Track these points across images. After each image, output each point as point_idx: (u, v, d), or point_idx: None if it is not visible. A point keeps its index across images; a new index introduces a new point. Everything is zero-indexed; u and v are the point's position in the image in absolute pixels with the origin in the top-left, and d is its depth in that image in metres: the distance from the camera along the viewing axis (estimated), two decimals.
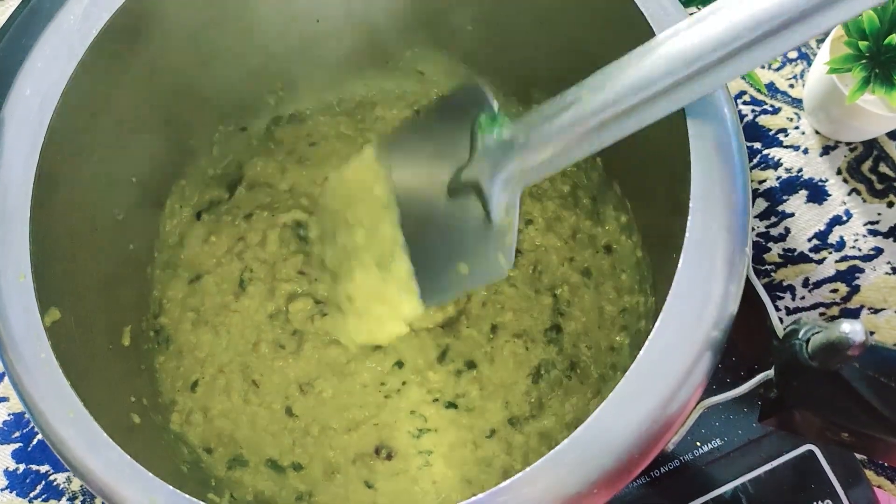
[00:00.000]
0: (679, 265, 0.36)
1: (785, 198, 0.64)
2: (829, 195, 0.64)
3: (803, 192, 0.64)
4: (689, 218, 0.38)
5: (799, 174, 0.64)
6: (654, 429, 0.34)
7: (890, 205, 0.63)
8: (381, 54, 0.58)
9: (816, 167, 0.64)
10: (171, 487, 0.34)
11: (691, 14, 0.38)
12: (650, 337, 0.35)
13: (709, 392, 0.36)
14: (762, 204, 0.64)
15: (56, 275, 0.41)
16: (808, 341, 0.33)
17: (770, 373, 0.36)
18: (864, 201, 0.63)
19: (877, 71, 0.52)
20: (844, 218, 0.63)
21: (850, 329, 0.30)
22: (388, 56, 0.58)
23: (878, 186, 0.63)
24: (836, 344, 0.30)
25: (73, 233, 0.45)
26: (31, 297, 0.38)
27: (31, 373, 0.36)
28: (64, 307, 0.41)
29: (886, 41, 0.51)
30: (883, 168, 0.64)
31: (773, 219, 0.64)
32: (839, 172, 0.64)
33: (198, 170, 0.58)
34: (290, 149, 0.61)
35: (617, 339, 0.54)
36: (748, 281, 0.37)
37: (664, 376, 0.34)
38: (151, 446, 0.47)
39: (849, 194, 0.63)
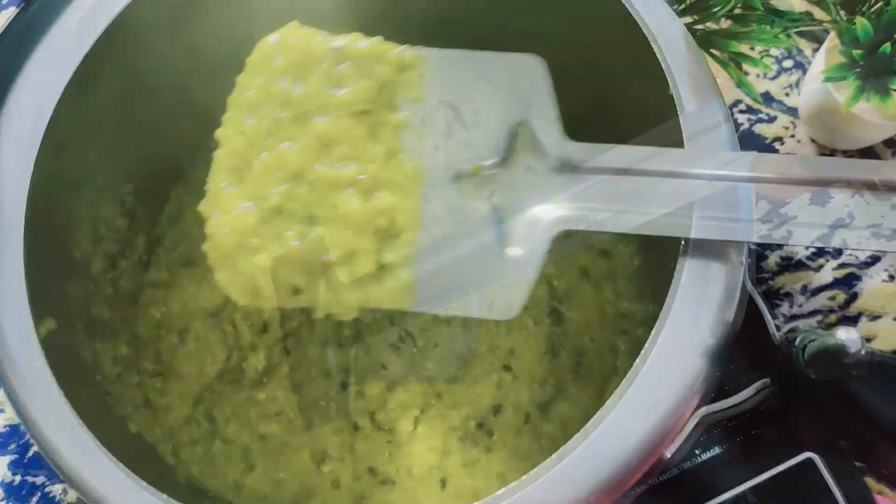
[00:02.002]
0: (678, 277, 0.36)
1: None
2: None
3: None
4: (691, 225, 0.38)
5: None
6: (651, 439, 0.34)
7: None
8: None
9: None
10: (165, 496, 0.34)
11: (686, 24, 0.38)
12: (648, 350, 0.35)
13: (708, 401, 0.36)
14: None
15: (52, 285, 0.41)
16: (804, 349, 0.33)
17: (768, 381, 0.36)
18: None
19: (871, 79, 0.52)
20: None
21: (846, 337, 0.29)
22: None
23: None
24: (833, 351, 0.30)
25: (70, 242, 0.45)
26: (26, 309, 0.37)
27: (26, 385, 0.36)
28: (60, 317, 0.40)
29: (881, 49, 0.51)
30: None
31: None
32: None
33: (198, 175, 0.58)
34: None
35: (617, 341, 0.54)
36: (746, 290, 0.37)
37: (662, 387, 0.34)
38: (148, 455, 0.47)
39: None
